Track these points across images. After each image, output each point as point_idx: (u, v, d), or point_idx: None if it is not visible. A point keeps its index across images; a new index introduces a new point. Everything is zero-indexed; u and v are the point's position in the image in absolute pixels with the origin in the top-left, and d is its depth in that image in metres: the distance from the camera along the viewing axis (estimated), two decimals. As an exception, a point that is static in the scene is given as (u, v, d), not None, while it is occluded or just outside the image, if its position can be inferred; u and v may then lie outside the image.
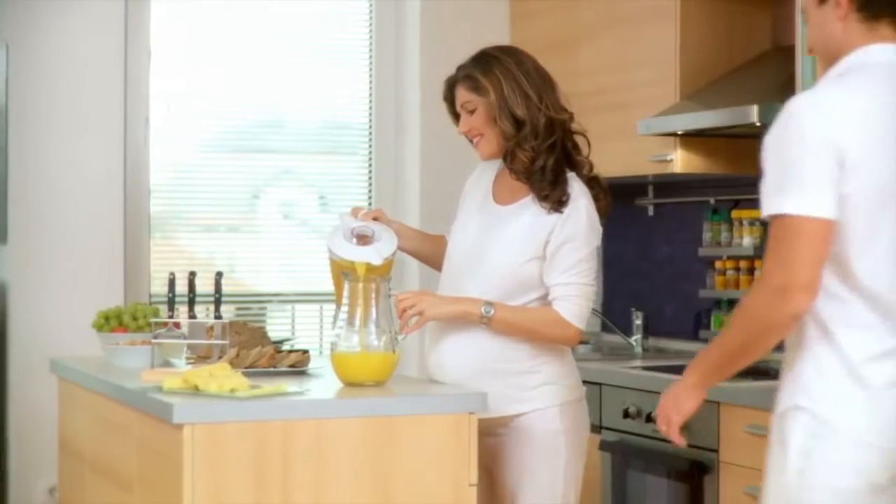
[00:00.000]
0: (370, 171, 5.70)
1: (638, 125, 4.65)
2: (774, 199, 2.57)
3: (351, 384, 3.28)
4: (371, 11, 5.69)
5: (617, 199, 3.50)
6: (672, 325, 5.30)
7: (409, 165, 5.64)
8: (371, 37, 5.68)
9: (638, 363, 4.84)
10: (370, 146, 5.71)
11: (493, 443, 3.39)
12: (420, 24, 5.59)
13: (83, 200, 5.13)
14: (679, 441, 2.87)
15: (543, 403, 3.36)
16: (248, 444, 2.98)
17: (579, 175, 3.40)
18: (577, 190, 3.35)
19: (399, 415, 3.11)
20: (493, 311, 3.30)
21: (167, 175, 5.46)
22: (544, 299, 3.35)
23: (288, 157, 5.66)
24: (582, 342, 5.08)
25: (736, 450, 3.95)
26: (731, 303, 4.94)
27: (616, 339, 5.41)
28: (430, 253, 3.66)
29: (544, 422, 3.36)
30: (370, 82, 5.70)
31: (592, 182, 3.42)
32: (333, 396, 3.22)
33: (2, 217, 5.17)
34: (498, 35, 5.41)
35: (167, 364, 3.64)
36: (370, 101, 5.69)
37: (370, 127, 5.68)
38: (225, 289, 3.66)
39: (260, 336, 3.84)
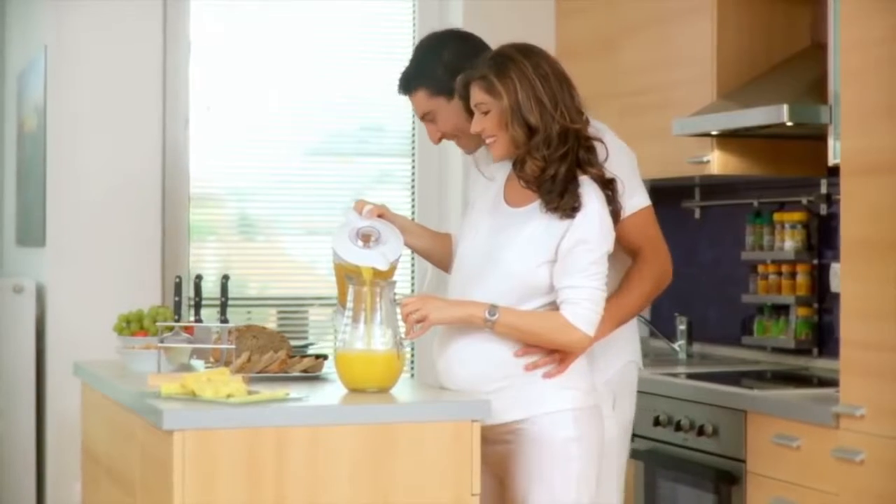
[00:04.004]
0: (413, 173, 5.64)
1: (673, 125, 4.54)
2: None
3: (355, 389, 3.22)
4: (414, 12, 5.63)
5: (663, 201, 3.43)
6: (716, 331, 5.17)
7: (452, 167, 5.57)
8: (414, 37, 5.62)
9: (681, 370, 4.74)
10: (413, 148, 5.64)
11: (503, 450, 3.29)
12: (464, 24, 5.51)
13: (122, 203, 5.12)
14: None
15: (555, 408, 3.26)
16: (241, 451, 2.92)
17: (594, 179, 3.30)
18: (591, 193, 3.25)
19: (398, 422, 3.04)
20: (497, 315, 3.21)
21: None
22: (555, 305, 3.26)
23: (334, 160, 5.63)
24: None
25: (763, 460, 3.84)
26: (774, 308, 4.80)
27: (661, 344, 5.29)
28: (436, 251, 3.59)
29: (556, 428, 3.25)
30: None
31: (608, 186, 3.32)
32: (330, 403, 3.15)
33: (40, 220, 5.18)
34: (543, 35, 5.32)
35: (186, 368, 3.61)
36: (414, 103, 5.63)
37: (413, 129, 5.62)
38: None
39: (278, 340, 3.79)
